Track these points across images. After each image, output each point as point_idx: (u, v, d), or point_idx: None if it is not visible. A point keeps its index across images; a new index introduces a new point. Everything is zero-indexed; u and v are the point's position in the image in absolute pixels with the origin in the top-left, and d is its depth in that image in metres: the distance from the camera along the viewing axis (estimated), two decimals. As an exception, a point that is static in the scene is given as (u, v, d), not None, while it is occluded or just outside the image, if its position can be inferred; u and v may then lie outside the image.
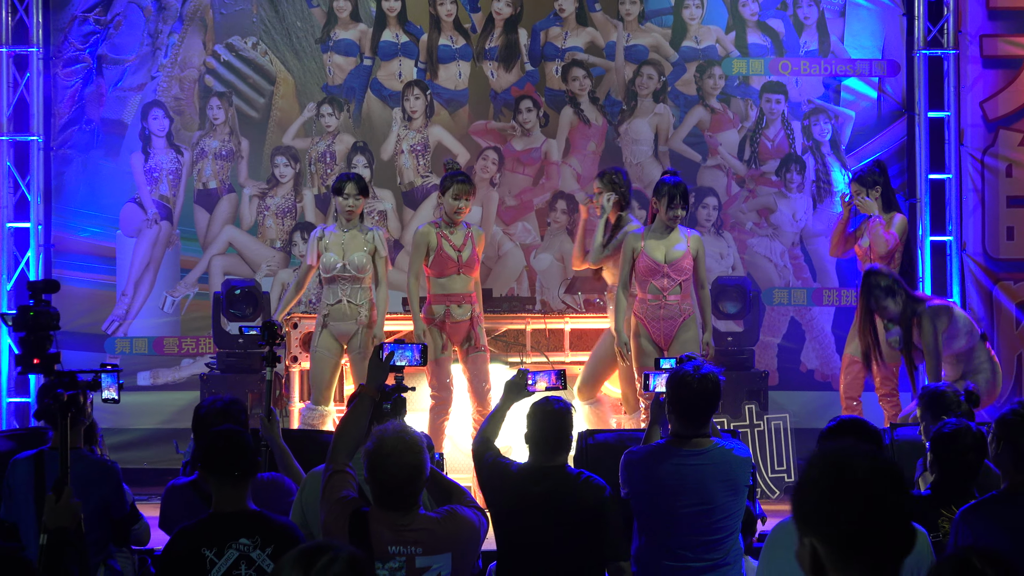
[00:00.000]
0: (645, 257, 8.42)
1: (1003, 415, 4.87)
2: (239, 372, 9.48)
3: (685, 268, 8.43)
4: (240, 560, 4.58)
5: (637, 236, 8.50)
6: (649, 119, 10.77)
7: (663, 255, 8.41)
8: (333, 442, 4.72)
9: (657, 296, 8.42)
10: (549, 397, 5.52)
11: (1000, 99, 10.57)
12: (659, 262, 8.40)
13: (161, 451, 10.04)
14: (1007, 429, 4.81)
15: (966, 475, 5.16)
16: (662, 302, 8.41)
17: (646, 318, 8.45)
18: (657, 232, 8.45)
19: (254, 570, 4.58)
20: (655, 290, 8.41)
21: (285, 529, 4.70)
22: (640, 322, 8.48)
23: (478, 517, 4.71)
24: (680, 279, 8.43)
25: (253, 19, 10.78)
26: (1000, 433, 4.83)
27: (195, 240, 10.77)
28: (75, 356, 9.79)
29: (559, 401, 5.47)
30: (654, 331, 8.43)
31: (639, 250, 8.45)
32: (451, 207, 8.39)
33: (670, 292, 8.42)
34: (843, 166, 10.68)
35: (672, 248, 8.43)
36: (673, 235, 8.46)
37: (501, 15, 10.81)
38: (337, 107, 10.77)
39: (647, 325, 8.45)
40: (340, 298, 8.40)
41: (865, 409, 8.78)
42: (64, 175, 10.67)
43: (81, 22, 10.64)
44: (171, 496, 5.43)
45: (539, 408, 5.42)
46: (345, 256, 8.39)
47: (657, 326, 8.42)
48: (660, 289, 8.41)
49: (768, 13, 10.83)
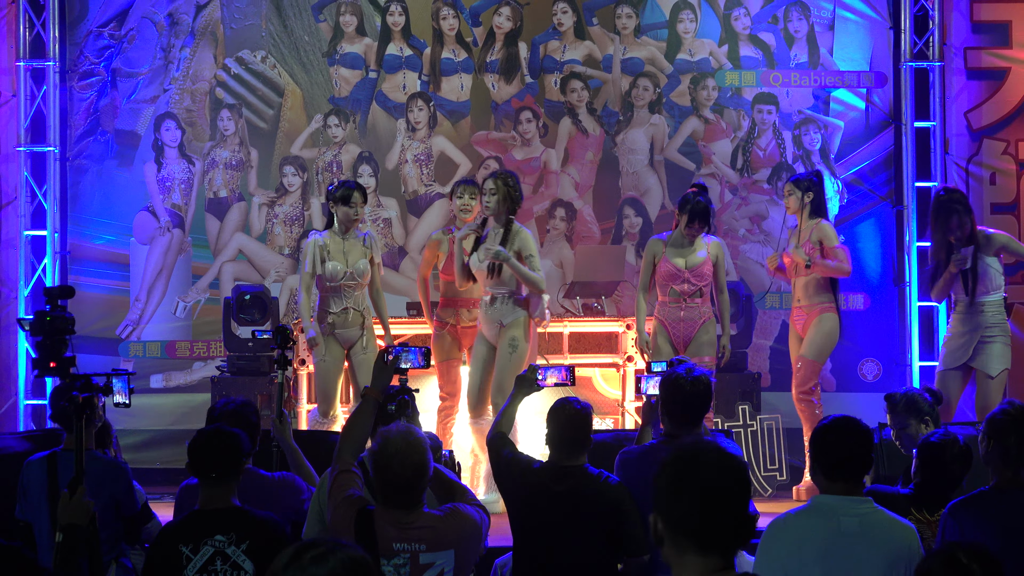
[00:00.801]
0: (666, 263, 8.54)
1: (993, 415, 4.92)
2: (249, 375, 9.53)
3: (705, 274, 8.55)
4: (215, 556, 4.61)
5: (659, 241, 8.62)
6: (645, 129, 10.85)
7: (684, 261, 8.54)
8: (339, 442, 4.78)
9: (677, 300, 8.56)
10: (569, 398, 5.53)
11: (984, 109, 10.66)
12: (680, 268, 8.53)
13: (173, 451, 10.05)
14: (996, 429, 4.85)
15: (948, 485, 5.22)
16: (683, 304, 8.55)
17: (667, 320, 8.60)
18: (678, 238, 8.58)
19: (229, 565, 4.59)
20: (675, 294, 8.56)
21: (264, 525, 4.70)
22: (661, 323, 8.62)
23: (480, 515, 4.74)
24: (700, 284, 8.56)
25: (262, 33, 10.85)
26: (990, 432, 4.87)
27: (206, 247, 10.83)
28: (90, 360, 9.93)
29: (578, 402, 5.49)
30: (674, 332, 8.57)
31: (660, 255, 8.56)
32: (457, 206, 8.53)
33: (691, 296, 8.56)
34: (833, 174, 10.74)
35: (693, 254, 8.55)
36: (696, 242, 8.57)
37: (502, 29, 10.90)
38: (343, 118, 10.85)
39: (667, 326, 8.59)
40: (345, 305, 8.30)
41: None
42: (80, 185, 10.73)
43: (96, 37, 10.71)
44: (185, 495, 5.38)
45: (559, 409, 5.47)
46: (349, 264, 8.29)
47: (677, 327, 8.56)
48: (680, 293, 8.55)
49: (760, 27, 10.89)
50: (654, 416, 5.72)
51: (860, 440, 4.46)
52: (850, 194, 10.83)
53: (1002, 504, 4.76)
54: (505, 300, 8.15)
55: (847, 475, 4.44)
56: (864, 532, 4.35)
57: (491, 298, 8.18)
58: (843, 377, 10.72)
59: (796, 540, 4.40)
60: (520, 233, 8.14)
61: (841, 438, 4.44)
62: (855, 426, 4.49)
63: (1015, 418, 4.86)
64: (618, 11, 10.93)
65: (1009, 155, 10.66)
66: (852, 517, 4.38)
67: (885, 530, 4.35)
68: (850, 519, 4.38)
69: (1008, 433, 4.83)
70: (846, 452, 4.43)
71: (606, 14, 10.96)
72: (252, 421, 5.38)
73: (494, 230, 8.20)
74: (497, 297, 8.17)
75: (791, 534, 4.43)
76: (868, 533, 4.34)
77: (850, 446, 4.44)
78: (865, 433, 4.49)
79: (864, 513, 4.41)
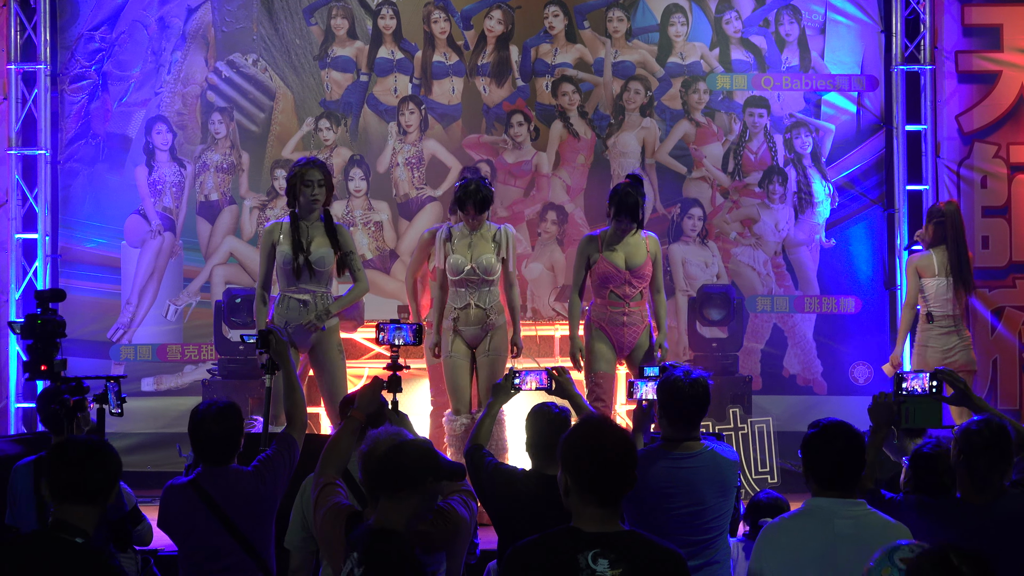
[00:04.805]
0: (604, 263, 8.15)
1: (970, 430, 4.90)
2: (240, 378, 9.55)
3: (646, 275, 8.20)
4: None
5: (593, 240, 8.24)
6: (636, 132, 10.85)
7: (623, 261, 8.17)
8: (322, 457, 4.78)
9: (619, 304, 8.19)
10: (547, 403, 5.49)
11: (975, 113, 10.67)
12: (620, 268, 8.16)
13: (164, 454, 10.06)
14: (970, 445, 4.85)
15: (939, 495, 5.21)
16: (625, 309, 8.19)
17: (607, 325, 8.20)
18: (614, 237, 8.18)
19: None
20: (615, 297, 8.18)
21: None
22: (599, 327, 8.21)
23: (467, 506, 4.72)
24: (641, 286, 8.20)
25: (253, 37, 10.85)
26: (963, 447, 4.87)
27: (197, 250, 10.83)
28: (81, 363, 9.94)
29: (556, 407, 5.47)
30: (615, 337, 8.20)
31: (596, 257, 8.16)
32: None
33: (632, 299, 8.19)
34: (824, 178, 10.77)
35: (633, 254, 8.17)
36: (633, 239, 8.18)
37: (493, 32, 10.91)
38: (335, 122, 10.86)
39: (608, 331, 8.21)
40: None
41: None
42: (70, 188, 10.74)
43: (87, 40, 10.71)
44: (169, 495, 5.38)
45: (536, 415, 5.45)
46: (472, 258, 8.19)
47: (618, 332, 8.20)
48: (622, 296, 8.19)
49: (751, 30, 10.90)
50: (646, 421, 5.70)
51: (852, 445, 4.48)
52: (841, 197, 10.85)
53: (962, 515, 4.83)
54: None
55: (841, 480, 4.46)
56: (859, 534, 4.37)
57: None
58: (834, 380, 10.74)
59: (792, 543, 4.42)
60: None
61: (833, 444, 4.46)
62: (847, 431, 4.51)
63: (988, 441, 4.86)
64: (609, 14, 10.94)
65: (1000, 158, 10.68)
66: (847, 519, 4.41)
67: (879, 532, 4.37)
68: (845, 521, 4.40)
69: (980, 454, 4.84)
70: (839, 457, 4.45)
71: (597, 17, 10.97)
72: (234, 425, 5.36)
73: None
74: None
75: (787, 538, 4.46)
76: (863, 535, 4.36)
77: (843, 451, 4.45)
78: (857, 438, 4.51)
79: (858, 515, 4.44)
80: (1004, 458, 4.89)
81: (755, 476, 9.36)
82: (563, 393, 5.81)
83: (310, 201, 7.85)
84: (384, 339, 6.77)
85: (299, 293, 7.91)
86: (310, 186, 7.84)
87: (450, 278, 8.19)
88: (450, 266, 8.14)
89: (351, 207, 10.81)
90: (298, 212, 7.91)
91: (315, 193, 7.84)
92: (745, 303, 10.36)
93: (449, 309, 8.22)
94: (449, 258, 8.15)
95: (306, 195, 7.84)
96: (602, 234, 8.25)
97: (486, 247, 8.13)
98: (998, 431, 4.88)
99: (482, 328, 8.20)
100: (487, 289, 8.18)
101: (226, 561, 5.21)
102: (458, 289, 8.19)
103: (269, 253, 7.95)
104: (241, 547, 5.20)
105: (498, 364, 8.14)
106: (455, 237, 8.19)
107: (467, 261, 8.13)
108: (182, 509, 5.28)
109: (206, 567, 5.24)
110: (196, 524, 5.24)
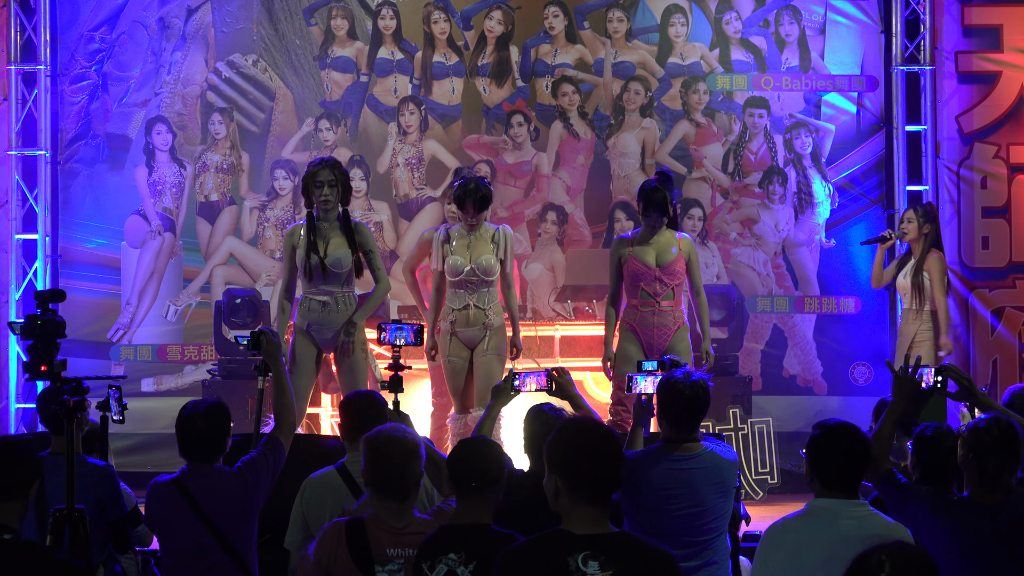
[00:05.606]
0: (634, 260, 8.14)
1: (978, 428, 4.83)
2: (240, 378, 9.51)
3: (678, 272, 8.14)
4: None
5: (623, 240, 8.25)
6: (636, 133, 10.86)
7: (653, 258, 8.14)
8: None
9: (649, 302, 8.15)
10: (544, 405, 5.49)
11: (975, 113, 10.69)
12: (649, 265, 8.13)
13: (164, 455, 9.88)
14: (979, 445, 4.80)
15: (946, 476, 5.19)
16: (656, 308, 8.14)
17: (638, 326, 8.16)
18: (645, 235, 8.16)
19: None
20: (646, 295, 8.14)
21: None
22: (630, 329, 8.17)
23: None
24: (672, 283, 8.13)
25: (253, 37, 10.87)
26: (972, 446, 4.82)
27: (197, 251, 10.84)
28: (81, 363, 9.94)
29: (553, 409, 5.47)
30: (644, 338, 8.14)
31: (627, 256, 8.18)
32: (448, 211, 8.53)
33: (663, 297, 8.14)
34: (824, 178, 10.78)
35: (663, 251, 8.13)
36: (664, 237, 8.14)
37: (493, 33, 10.93)
38: (335, 122, 10.87)
39: (638, 332, 8.16)
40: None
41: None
42: (71, 188, 10.74)
43: (87, 40, 10.72)
44: (153, 493, 5.33)
45: (534, 417, 5.45)
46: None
47: (648, 333, 8.13)
48: (652, 294, 8.13)
49: (751, 31, 10.93)
50: (646, 416, 5.63)
51: (857, 446, 4.47)
52: (841, 198, 10.86)
53: (970, 514, 4.79)
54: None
55: (845, 481, 4.46)
56: (862, 535, 4.36)
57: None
58: (834, 381, 10.75)
59: (797, 545, 4.42)
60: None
61: (839, 444, 4.46)
62: (853, 432, 4.49)
63: (998, 439, 4.81)
64: (609, 15, 10.96)
65: (1000, 159, 10.70)
66: (851, 520, 4.41)
67: (882, 533, 4.36)
68: (849, 522, 4.40)
69: (989, 453, 4.79)
70: (844, 458, 4.45)
71: (597, 18, 10.99)
72: (222, 424, 5.35)
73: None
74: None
75: (791, 539, 4.45)
76: (866, 536, 4.35)
77: (848, 452, 4.46)
78: (862, 439, 4.50)
79: (862, 516, 4.44)
80: (1013, 457, 4.84)
81: (755, 476, 9.35)
82: (563, 394, 5.80)
83: (321, 202, 7.86)
84: (385, 339, 6.77)
85: (319, 294, 7.90)
86: (320, 187, 7.84)
87: (449, 279, 8.18)
88: (449, 267, 8.13)
89: (351, 207, 10.77)
90: (315, 213, 7.92)
91: (325, 194, 7.84)
92: (745, 303, 10.36)
93: (447, 311, 8.21)
94: (448, 259, 8.13)
95: (316, 196, 7.86)
96: (633, 235, 8.25)
97: (485, 247, 8.12)
98: (1007, 429, 4.83)
99: (481, 329, 8.19)
100: (486, 290, 8.17)
101: (207, 561, 5.17)
102: (457, 290, 8.18)
103: (291, 256, 7.95)
104: (220, 547, 5.15)
105: (496, 365, 8.12)
106: (453, 238, 8.18)
107: (466, 262, 8.10)
108: (165, 507, 5.26)
109: (188, 566, 5.21)
110: (178, 522, 5.20)
